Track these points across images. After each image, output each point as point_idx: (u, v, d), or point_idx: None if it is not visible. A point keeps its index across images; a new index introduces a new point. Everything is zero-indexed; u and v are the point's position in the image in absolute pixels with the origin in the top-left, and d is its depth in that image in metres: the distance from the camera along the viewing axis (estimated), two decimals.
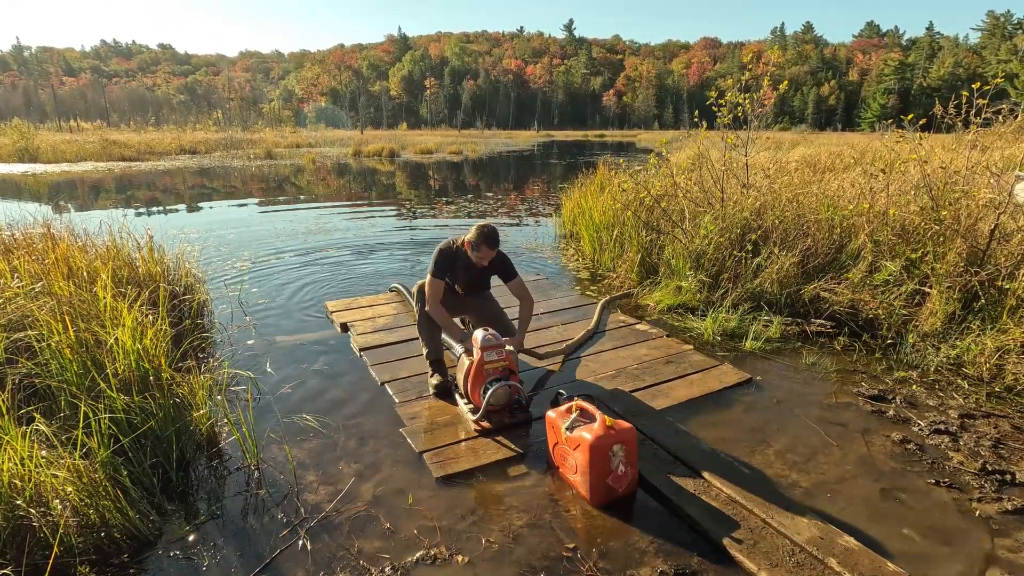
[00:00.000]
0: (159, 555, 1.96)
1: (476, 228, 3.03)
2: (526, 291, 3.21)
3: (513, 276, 3.21)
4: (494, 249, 3.04)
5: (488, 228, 3.03)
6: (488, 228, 3.03)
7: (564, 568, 1.90)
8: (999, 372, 3.18)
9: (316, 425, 2.72)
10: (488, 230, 3.02)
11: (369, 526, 2.10)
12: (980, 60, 76.42)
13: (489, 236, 3.01)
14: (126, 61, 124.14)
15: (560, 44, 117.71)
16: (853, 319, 3.93)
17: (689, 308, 4.35)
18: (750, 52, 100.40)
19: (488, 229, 3.02)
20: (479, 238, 3.00)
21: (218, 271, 5.65)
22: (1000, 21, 78.24)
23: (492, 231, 3.03)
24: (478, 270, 3.17)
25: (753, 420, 2.85)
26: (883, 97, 75.56)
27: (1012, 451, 2.56)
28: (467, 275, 3.22)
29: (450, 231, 8.17)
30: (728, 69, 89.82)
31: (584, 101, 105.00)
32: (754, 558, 1.88)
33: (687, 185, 5.37)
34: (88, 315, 2.77)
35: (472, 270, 3.17)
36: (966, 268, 3.68)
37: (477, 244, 3.01)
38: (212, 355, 3.56)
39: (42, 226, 4.03)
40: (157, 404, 2.34)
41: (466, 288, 3.35)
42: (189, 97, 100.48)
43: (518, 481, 2.37)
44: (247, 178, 16.45)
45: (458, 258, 3.14)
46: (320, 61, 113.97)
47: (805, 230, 4.50)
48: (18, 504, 1.85)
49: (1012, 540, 2.03)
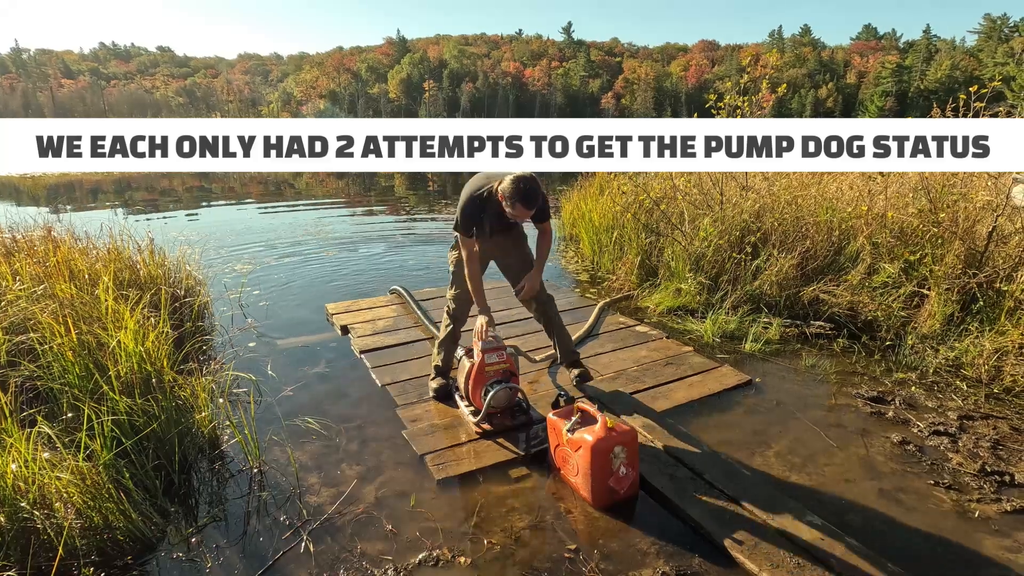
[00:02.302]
0: (162, 557, 1.97)
1: (511, 179, 2.53)
2: (549, 228, 2.88)
3: (546, 219, 2.81)
4: (531, 210, 2.58)
5: (524, 184, 2.51)
6: (524, 184, 2.51)
7: (566, 569, 1.91)
8: (997, 374, 3.20)
9: (318, 427, 2.73)
10: (524, 187, 2.51)
11: (371, 528, 2.10)
12: (977, 63, 76.74)
13: (527, 195, 2.52)
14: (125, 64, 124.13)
15: (559, 47, 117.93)
16: (852, 321, 3.94)
17: (689, 310, 4.36)
18: (748, 55, 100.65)
19: (524, 186, 2.51)
20: (515, 195, 2.52)
21: (219, 274, 5.65)
22: (997, 24, 78.61)
23: (529, 189, 2.52)
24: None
25: (753, 422, 2.86)
26: (881, 100, 75.75)
27: (1011, 452, 2.57)
28: (499, 222, 2.79)
29: (450, 233, 8.16)
30: (726, 72, 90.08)
31: (583, 103, 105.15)
32: (755, 559, 1.89)
33: (686, 187, 5.38)
34: (90, 318, 2.78)
35: (504, 218, 2.72)
36: (964, 270, 3.69)
37: (512, 201, 2.55)
38: (214, 358, 3.57)
39: (43, 229, 4.04)
40: (159, 407, 2.34)
41: (494, 230, 2.86)
42: (188, 99, 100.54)
43: (520, 483, 2.38)
44: (246, 180, 16.44)
45: (488, 207, 2.71)
46: (319, 63, 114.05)
47: (804, 232, 4.52)
48: (22, 506, 1.85)
49: (1011, 541, 2.05)
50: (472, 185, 2.75)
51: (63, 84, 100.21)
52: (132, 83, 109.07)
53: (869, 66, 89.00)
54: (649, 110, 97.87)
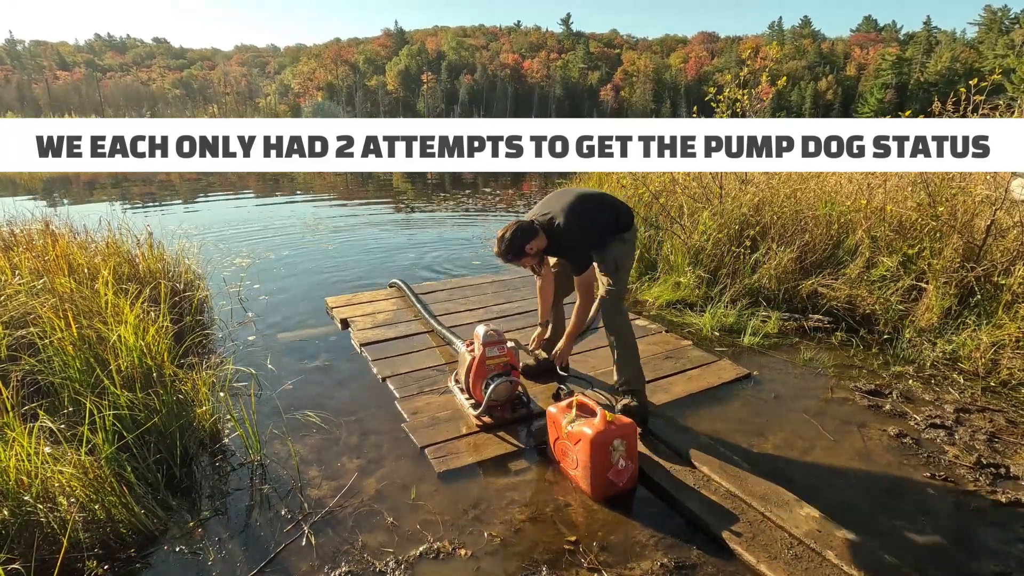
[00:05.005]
0: (164, 550, 1.98)
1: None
2: (584, 283, 2.69)
3: (577, 271, 2.68)
4: (505, 258, 2.63)
5: (498, 241, 2.62)
6: (498, 241, 2.62)
7: (566, 561, 1.92)
8: (994, 367, 3.21)
9: (318, 421, 2.74)
10: (498, 245, 2.61)
11: (372, 521, 2.12)
12: (977, 55, 76.45)
13: (500, 253, 2.62)
14: (120, 55, 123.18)
15: (558, 38, 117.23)
16: (850, 315, 3.96)
17: (688, 304, 4.37)
18: (748, 47, 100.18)
19: (498, 243, 2.62)
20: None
21: (218, 267, 5.65)
22: (997, 16, 78.29)
23: (499, 238, 2.61)
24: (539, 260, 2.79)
25: (751, 415, 2.88)
26: (880, 92, 75.53)
27: (1007, 445, 2.59)
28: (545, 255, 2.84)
29: (449, 226, 8.17)
30: (726, 64, 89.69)
31: (582, 96, 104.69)
32: (753, 551, 1.91)
33: (685, 181, 5.38)
34: (90, 312, 2.78)
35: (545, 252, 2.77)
36: (962, 264, 3.71)
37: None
38: (214, 351, 3.57)
39: (41, 223, 4.03)
40: (160, 401, 2.35)
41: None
42: (184, 92, 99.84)
43: (519, 476, 2.39)
44: (244, 174, 16.38)
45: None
46: (316, 55, 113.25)
47: (803, 226, 4.52)
48: (25, 500, 1.86)
49: (1007, 532, 2.07)
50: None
51: (58, 76, 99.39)
52: (128, 75, 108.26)
53: (869, 58, 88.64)
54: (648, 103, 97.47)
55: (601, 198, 2.81)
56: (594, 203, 2.74)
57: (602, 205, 2.76)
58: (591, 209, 2.69)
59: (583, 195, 2.74)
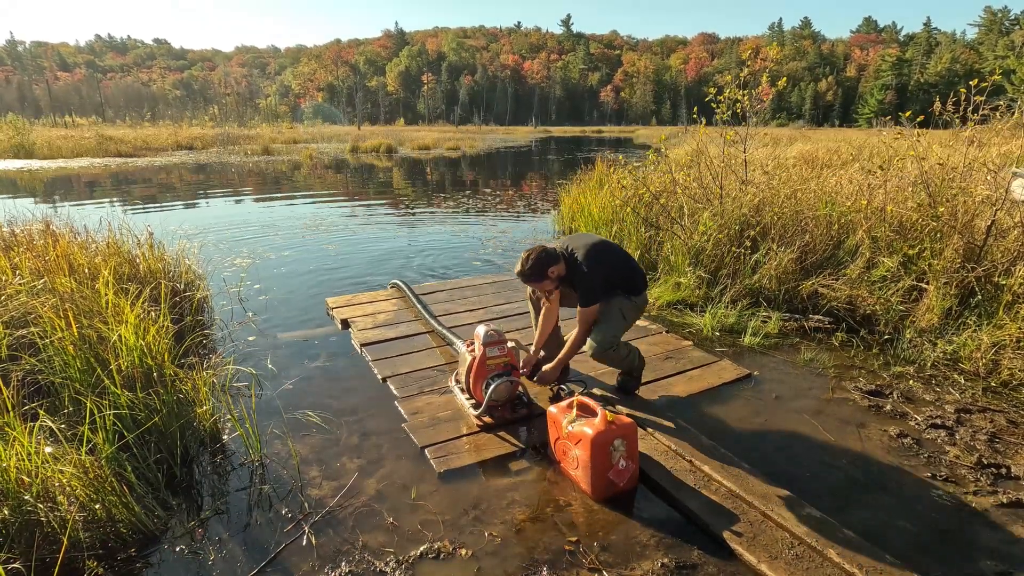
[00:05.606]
0: (165, 550, 1.98)
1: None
2: (584, 316, 2.78)
3: (585, 302, 2.77)
4: (526, 279, 2.75)
5: (522, 261, 2.72)
6: (522, 261, 2.72)
7: (566, 561, 1.92)
8: (995, 367, 3.21)
9: (318, 421, 2.74)
10: (522, 265, 2.71)
11: (373, 520, 2.12)
12: (977, 56, 76.50)
13: (522, 272, 2.73)
14: (121, 56, 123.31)
15: (558, 39, 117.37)
16: (851, 315, 3.95)
17: (688, 304, 4.37)
18: (748, 48, 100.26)
19: (522, 263, 2.72)
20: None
21: (218, 268, 5.65)
22: (997, 17, 78.34)
23: (522, 266, 2.71)
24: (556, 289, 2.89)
25: (752, 415, 2.88)
26: (880, 93, 75.58)
27: (1007, 445, 2.59)
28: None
29: (449, 226, 8.18)
30: (726, 65, 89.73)
31: (582, 97, 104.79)
32: (754, 551, 1.91)
33: (686, 181, 5.38)
34: (91, 312, 2.78)
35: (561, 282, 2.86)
36: (963, 264, 3.71)
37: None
38: (214, 351, 3.57)
39: (41, 223, 4.03)
40: (161, 400, 2.35)
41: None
42: (185, 92, 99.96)
43: (520, 476, 2.39)
44: (244, 174, 16.40)
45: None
46: (317, 56, 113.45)
47: (803, 226, 4.52)
48: (26, 500, 1.86)
49: (1007, 533, 2.07)
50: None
51: (59, 77, 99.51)
52: (128, 76, 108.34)
53: (869, 59, 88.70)
54: (648, 104, 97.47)
55: (625, 255, 2.96)
56: (616, 255, 2.90)
57: (624, 260, 2.91)
58: (611, 259, 2.84)
59: (607, 243, 2.92)
